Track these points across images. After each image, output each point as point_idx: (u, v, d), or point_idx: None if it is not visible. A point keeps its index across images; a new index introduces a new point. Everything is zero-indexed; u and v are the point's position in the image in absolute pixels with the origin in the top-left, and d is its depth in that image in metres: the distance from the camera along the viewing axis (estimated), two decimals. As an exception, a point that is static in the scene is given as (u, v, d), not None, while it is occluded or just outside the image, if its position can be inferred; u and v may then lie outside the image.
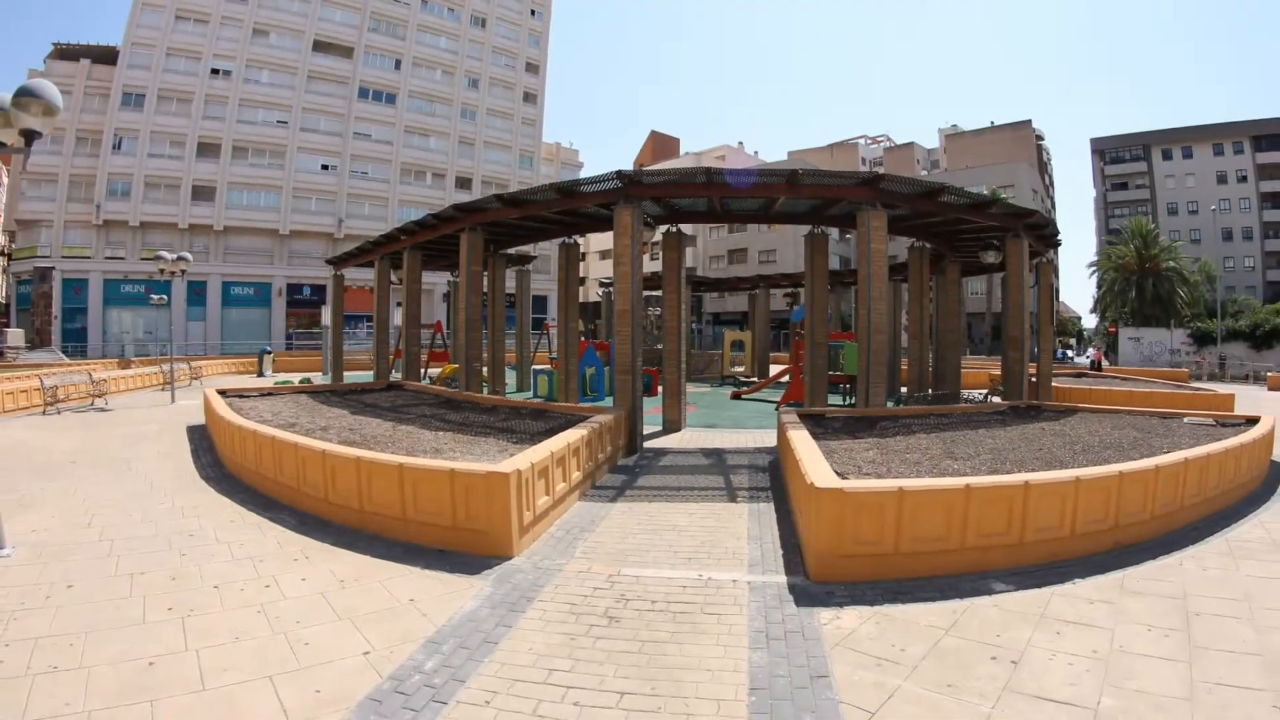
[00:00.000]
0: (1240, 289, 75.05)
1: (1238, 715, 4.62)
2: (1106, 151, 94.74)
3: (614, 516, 9.51)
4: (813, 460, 8.35)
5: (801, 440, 9.78)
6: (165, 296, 35.37)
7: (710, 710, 4.75)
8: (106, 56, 56.76)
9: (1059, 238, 22.92)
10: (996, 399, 21.39)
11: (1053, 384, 22.81)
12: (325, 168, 62.79)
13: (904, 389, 25.95)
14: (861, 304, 15.40)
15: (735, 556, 7.86)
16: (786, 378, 26.68)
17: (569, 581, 7.10)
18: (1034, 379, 20.93)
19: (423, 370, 27.65)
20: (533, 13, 77.17)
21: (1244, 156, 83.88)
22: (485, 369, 24.54)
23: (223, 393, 17.37)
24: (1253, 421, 13.06)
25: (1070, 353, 76.44)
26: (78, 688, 4.92)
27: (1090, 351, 57.46)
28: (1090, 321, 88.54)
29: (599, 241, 78.67)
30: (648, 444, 15.27)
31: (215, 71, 58.35)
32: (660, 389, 18.88)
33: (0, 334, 48.44)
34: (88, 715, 4.59)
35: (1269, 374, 40.77)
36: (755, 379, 33.22)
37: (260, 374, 39.91)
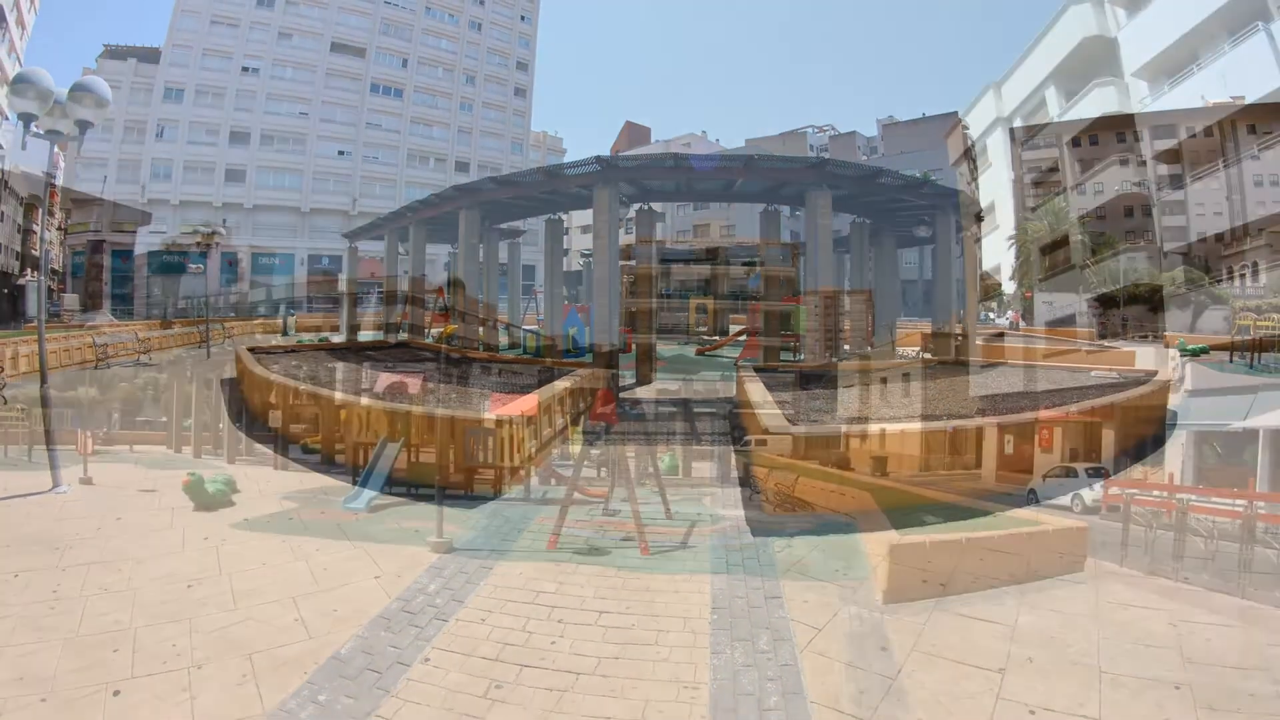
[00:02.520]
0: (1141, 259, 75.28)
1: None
2: (1024, 139, 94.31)
3: (594, 458, 9.44)
4: (767, 408, 8.33)
5: (757, 391, 9.76)
6: (202, 265, 34.85)
7: (678, 626, 4.76)
8: (150, 56, 56.36)
9: (982, 214, 22.88)
10: (927, 355, 21.47)
11: (977, 342, 22.88)
12: (341, 153, 62.49)
13: (846, 347, 25.99)
14: (809, 272, 15.33)
15: (699, 492, 7.86)
16: (744, 337, 26.64)
17: (554, 515, 7.06)
18: (960, 338, 20.99)
19: (426, 330, 27.41)
20: (522, 18, 76.04)
21: (1144, 144, 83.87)
22: (481, 329, 24.36)
23: (252, 350, 17.15)
24: (1150, 375, 13.14)
25: (992, 315, 76.68)
26: (125, 607, 4.91)
27: (1009, 314, 57.70)
28: (1010, 287, 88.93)
29: (581, 218, 77.03)
30: (623, 394, 15.21)
31: (245, 69, 58.04)
32: (634, 346, 18.78)
33: (58, 298, 47.74)
34: (134, 631, 4.56)
35: (1165, 334, 41.12)
36: (717, 338, 33.18)
37: (284, 334, 39.37)
